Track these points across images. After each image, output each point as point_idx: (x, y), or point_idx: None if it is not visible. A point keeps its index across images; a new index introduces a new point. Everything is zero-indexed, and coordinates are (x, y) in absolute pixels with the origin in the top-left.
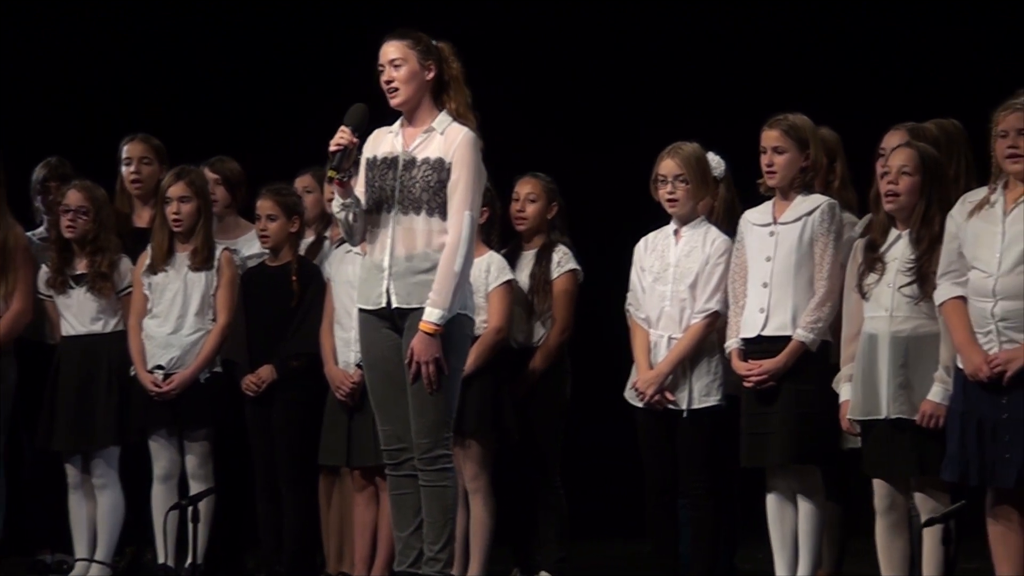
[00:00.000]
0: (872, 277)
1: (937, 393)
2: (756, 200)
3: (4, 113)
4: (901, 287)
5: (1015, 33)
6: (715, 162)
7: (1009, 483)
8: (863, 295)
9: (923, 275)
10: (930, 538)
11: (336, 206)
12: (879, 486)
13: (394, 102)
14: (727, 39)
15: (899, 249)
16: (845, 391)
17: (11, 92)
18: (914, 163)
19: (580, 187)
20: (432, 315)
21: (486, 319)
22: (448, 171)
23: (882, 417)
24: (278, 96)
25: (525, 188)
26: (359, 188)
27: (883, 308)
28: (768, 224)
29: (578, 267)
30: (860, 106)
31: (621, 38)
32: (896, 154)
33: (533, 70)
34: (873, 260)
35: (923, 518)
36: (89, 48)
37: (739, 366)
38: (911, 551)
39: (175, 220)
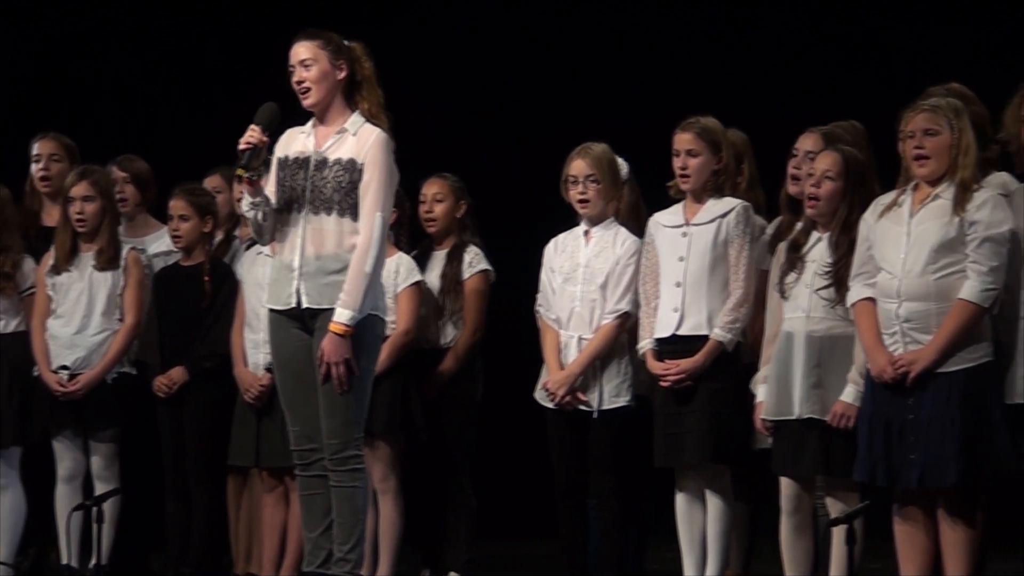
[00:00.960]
0: (792, 277)
1: (849, 394)
2: (661, 202)
3: None
4: (818, 289)
5: (916, 35)
6: (619, 164)
7: (912, 484)
8: (783, 295)
9: (839, 279)
10: (836, 538)
11: (245, 205)
12: (786, 486)
13: (306, 103)
14: (633, 40)
15: (818, 252)
16: (761, 392)
17: None
18: (838, 168)
19: (491, 188)
20: (342, 316)
21: (395, 320)
22: (360, 172)
23: (794, 417)
24: (189, 95)
25: (432, 189)
26: (269, 187)
27: (800, 309)
28: (680, 225)
29: (489, 268)
30: (765, 107)
31: (529, 39)
32: (821, 158)
33: (443, 70)
34: (794, 260)
35: (832, 517)
36: None
37: (655, 366)
38: (817, 551)
39: (79, 220)
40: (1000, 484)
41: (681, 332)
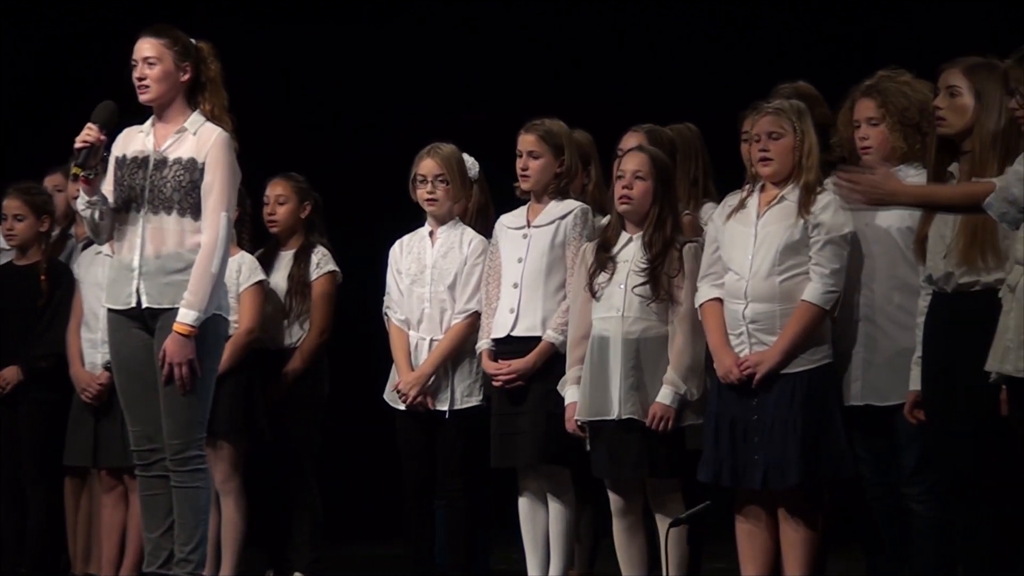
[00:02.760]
0: (603, 277)
1: (666, 396)
2: (511, 203)
3: None
4: (634, 287)
5: (756, 38)
6: (469, 163)
7: (756, 484)
8: (594, 295)
9: (656, 277)
10: (674, 538)
11: (81, 204)
12: (612, 489)
13: (143, 98)
14: (479, 39)
15: (631, 251)
16: (571, 393)
17: None
18: (647, 168)
19: (338, 188)
20: (187, 316)
21: (237, 319)
22: (201, 171)
23: (612, 418)
24: (27, 93)
25: (276, 190)
26: (107, 186)
27: (614, 308)
28: (522, 227)
29: (336, 268)
30: (612, 107)
31: (374, 38)
32: (629, 158)
33: (290, 69)
34: (605, 260)
35: (658, 520)
36: None
37: (489, 366)
38: (656, 551)
39: None
40: (839, 486)
41: (516, 333)
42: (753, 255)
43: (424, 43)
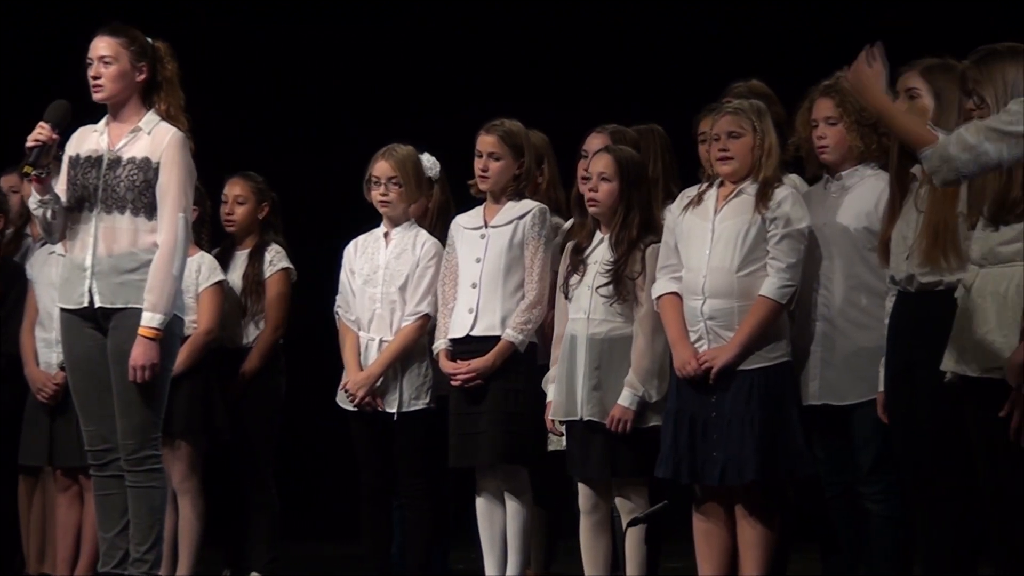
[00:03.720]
0: (575, 279)
1: (626, 397)
2: (470, 202)
3: None
4: (598, 287)
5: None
6: (430, 163)
7: (714, 481)
8: (566, 296)
9: (619, 277)
10: (633, 537)
11: (33, 203)
12: (583, 486)
13: (97, 97)
14: (436, 40)
15: (600, 252)
16: (551, 391)
17: None
18: (612, 168)
19: (295, 187)
20: (153, 320)
21: (195, 319)
22: (155, 171)
23: (578, 418)
24: None
25: (234, 190)
26: (60, 186)
27: (582, 310)
28: (479, 227)
29: (291, 266)
30: (567, 107)
31: (330, 38)
32: (596, 160)
33: (248, 69)
34: (577, 262)
35: (623, 519)
36: None
37: (447, 366)
38: (616, 550)
39: None
40: (796, 485)
41: (475, 333)
42: (711, 250)
43: (383, 44)
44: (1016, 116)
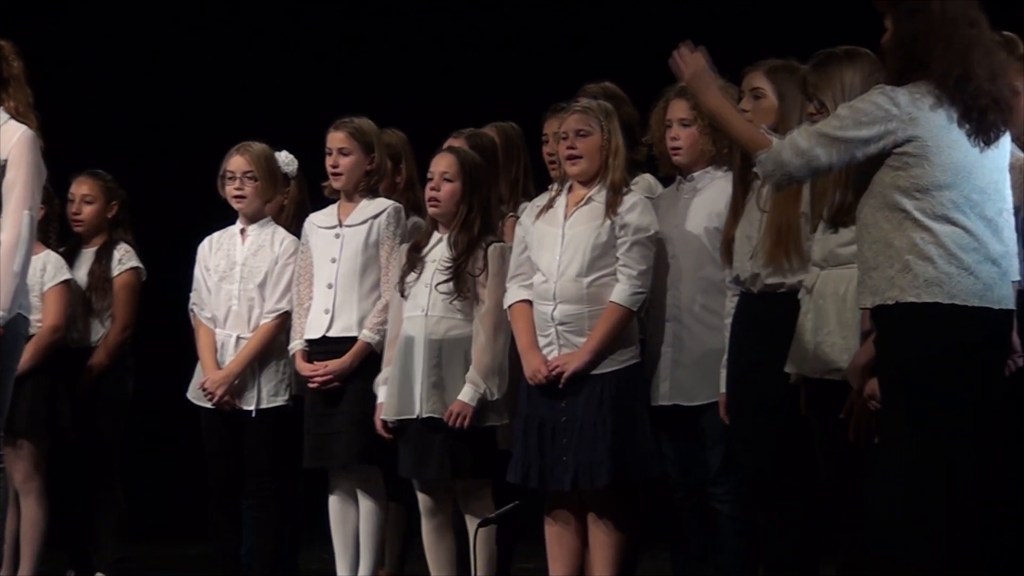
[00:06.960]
0: (412, 276)
1: (467, 393)
2: (326, 204)
3: None
4: (438, 284)
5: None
6: (287, 159)
7: (565, 485)
8: (403, 294)
9: (459, 273)
10: (483, 538)
11: None
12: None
13: None
14: (292, 40)
15: (439, 251)
16: (382, 393)
17: None
18: (454, 169)
19: (147, 184)
20: None
21: (40, 318)
22: (2, 169)
23: (415, 415)
24: None
25: (81, 189)
26: None
27: (420, 308)
28: (333, 227)
29: (140, 265)
30: (426, 107)
31: (186, 36)
32: (437, 160)
33: (98, 66)
34: (415, 260)
35: (468, 520)
36: None
37: (303, 367)
38: (466, 551)
39: None
40: (646, 486)
41: (331, 334)
42: (560, 256)
43: (237, 42)
44: (845, 121)
